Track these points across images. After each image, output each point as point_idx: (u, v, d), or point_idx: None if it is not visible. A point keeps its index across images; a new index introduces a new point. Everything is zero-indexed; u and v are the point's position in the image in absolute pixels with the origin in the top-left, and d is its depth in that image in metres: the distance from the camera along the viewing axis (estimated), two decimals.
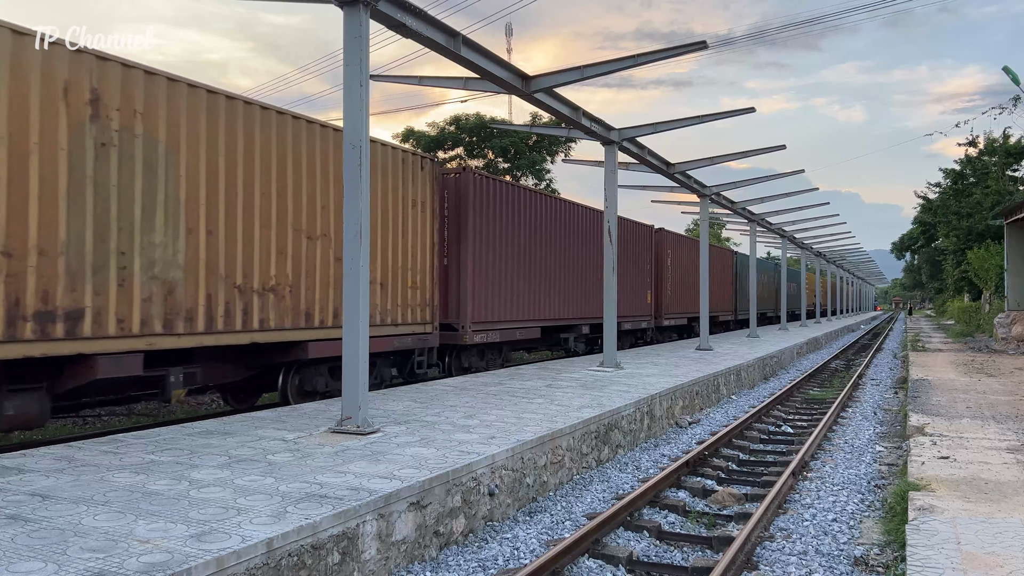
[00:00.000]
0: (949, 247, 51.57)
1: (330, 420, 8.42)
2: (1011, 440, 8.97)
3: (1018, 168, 46.33)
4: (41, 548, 4.24)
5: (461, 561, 5.82)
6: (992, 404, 11.93)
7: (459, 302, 14.42)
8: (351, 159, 7.96)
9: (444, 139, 38.36)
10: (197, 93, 8.98)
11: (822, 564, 5.86)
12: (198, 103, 8.97)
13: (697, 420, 12.41)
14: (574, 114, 13.52)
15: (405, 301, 12.56)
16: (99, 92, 7.87)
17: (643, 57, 11.87)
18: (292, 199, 10.30)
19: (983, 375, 16.41)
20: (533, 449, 7.53)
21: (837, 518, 7.04)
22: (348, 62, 8.01)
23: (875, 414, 13.27)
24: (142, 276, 8.30)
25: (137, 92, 8.26)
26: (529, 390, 11.39)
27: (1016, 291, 28.93)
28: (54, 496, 5.30)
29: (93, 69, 7.82)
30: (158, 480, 5.77)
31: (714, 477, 8.66)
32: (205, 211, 9.07)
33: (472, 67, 10.50)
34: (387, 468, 6.21)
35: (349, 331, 7.91)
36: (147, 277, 8.36)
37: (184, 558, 4.07)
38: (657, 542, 6.49)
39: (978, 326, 35.74)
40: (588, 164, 20.74)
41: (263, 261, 9.85)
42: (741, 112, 15.40)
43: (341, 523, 4.99)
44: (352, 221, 7.93)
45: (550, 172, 40.65)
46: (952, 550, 5.08)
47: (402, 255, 12.50)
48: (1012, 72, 28.33)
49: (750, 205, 27.18)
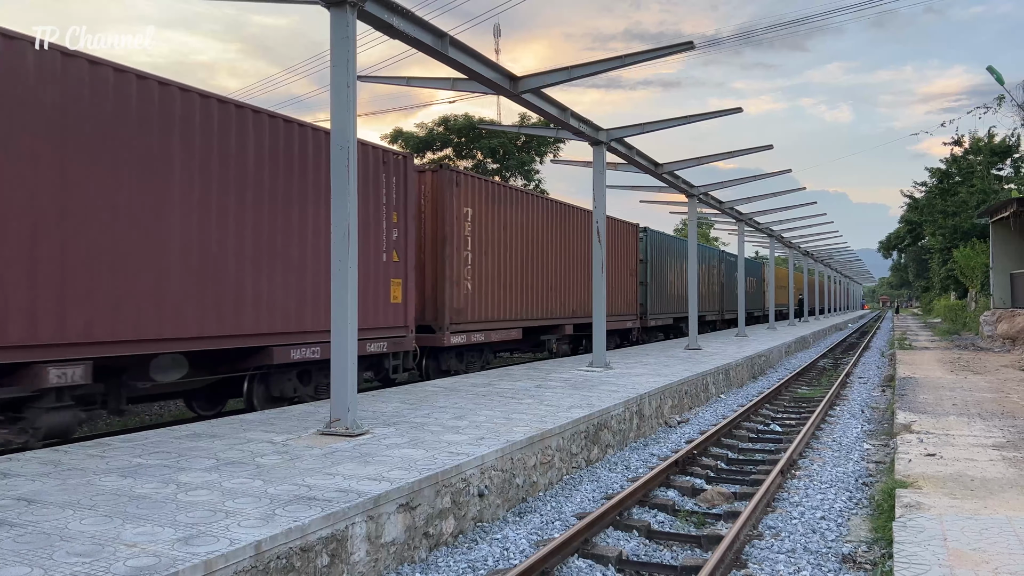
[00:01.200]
0: (935, 246, 51.99)
1: (319, 422, 8.39)
2: (996, 437, 9.04)
3: (1003, 167, 46.76)
4: (27, 553, 4.20)
5: (451, 562, 5.81)
6: (978, 401, 12.03)
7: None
8: (339, 160, 7.94)
9: (433, 140, 38.37)
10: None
11: (810, 562, 5.89)
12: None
13: (686, 419, 12.45)
14: (562, 114, 13.54)
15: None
16: None
17: (630, 58, 11.90)
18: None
19: (969, 373, 16.54)
20: (523, 449, 7.54)
21: (825, 516, 7.08)
22: (335, 63, 7.99)
23: (863, 412, 13.35)
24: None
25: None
26: (519, 391, 11.39)
27: (1001, 289, 29.18)
28: (40, 500, 5.26)
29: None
30: (145, 483, 5.73)
31: (703, 476, 8.69)
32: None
33: (460, 68, 10.50)
34: (376, 470, 6.20)
35: (338, 333, 7.89)
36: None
37: (171, 562, 4.05)
38: (647, 541, 6.51)
39: (964, 324, 36.03)
40: (577, 164, 20.77)
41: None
42: (729, 112, 15.47)
43: (330, 525, 4.98)
44: (340, 223, 7.90)
45: (539, 173, 40.74)
46: (939, 547, 5.12)
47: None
48: (996, 72, 28.62)
49: (738, 205, 27.28)
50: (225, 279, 9.35)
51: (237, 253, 9.52)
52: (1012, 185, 43.21)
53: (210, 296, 9.15)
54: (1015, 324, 24.68)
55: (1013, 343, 23.93)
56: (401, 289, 12.55)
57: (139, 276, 8.35)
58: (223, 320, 9.31)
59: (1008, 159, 46.33)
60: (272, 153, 10.00)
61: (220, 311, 9.28)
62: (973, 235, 41.38)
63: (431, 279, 14.17)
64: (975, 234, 41.11)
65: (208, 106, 9.16)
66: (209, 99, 9.17)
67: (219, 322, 9.26)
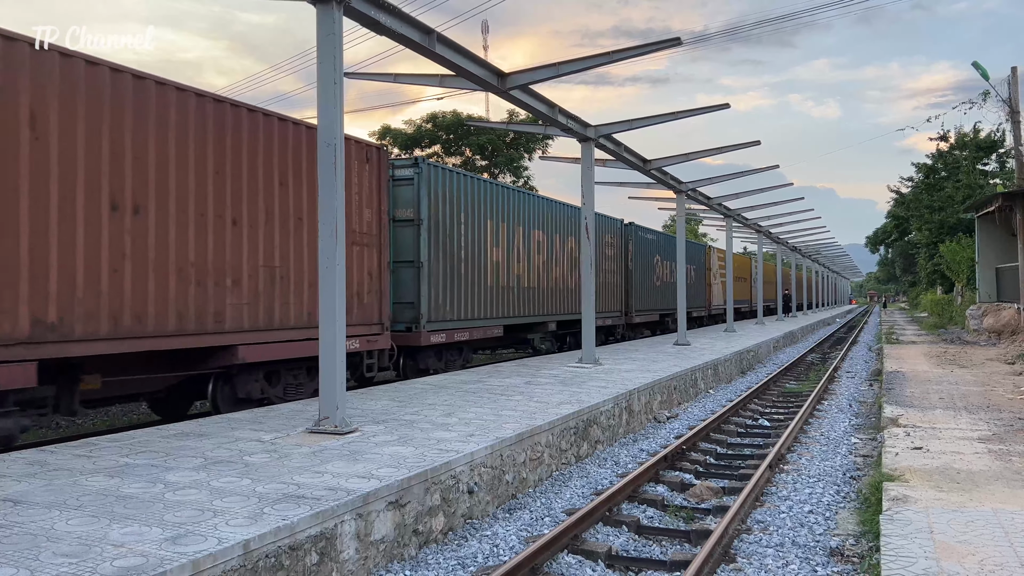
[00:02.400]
0: (922, 241, 52.30)
1: (307, 420, 8.36)
2: (982, 430, 9.11)
3: (988, 162, 47.10)
4: (13, 554, 4.17)
5: (441, 559, 5.81)
6: (964, 395, 12.12)
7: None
8: (326, 157, 7.91)
9: (421, 137, 38.30)
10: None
11: (798, 555, 5.92)
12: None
13: (675, 415, 12.48)
14: (551, 111, 13.53)
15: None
16: None
17: (618, 54, 11.92)
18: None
19: (955, 366, 16.66)
20: (512, 446, 7.54)
21: (813, 510, 7.12)
22: (322, 60, 7.96)
23: (850, 406, 13.43)
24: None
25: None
26: (508, 387, 11.39)
27: (987, 283, 29.41)
28: (26, 501, 5.23)
29: None
30: (133, 483, 5.70)
31: (692, 471, 8.71)
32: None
33: (448, 64, 10.47)
34: (365, 467, 6.19)
35: (326, 331, 7.86)
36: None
37: (159, 561, 4.03)
38: (636, 536, 6.53)
39: (951, 318, 36.28)
40: (565, 161, 20.77)
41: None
42: (716, 108, 15.50)
43: (319, 523, 4.97)
44: (328, 220, 7.88)
45: (528, 169, 40.74)
46: (925, 539, 5.16)
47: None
48: (982, 67, 28.81)
49: (726, 201, 27.39)
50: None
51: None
52: (997, 180, 43.55)
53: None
54: (1001, 318, 24.89)
55: (999, 337, 24.12)
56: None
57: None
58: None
59: (993, 154, 46.66)
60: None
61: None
62: (959, 230, 41.67)
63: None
64: (961, 229, 41.40)
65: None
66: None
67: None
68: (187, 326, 8.89)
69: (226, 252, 9.44)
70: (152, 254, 8.51)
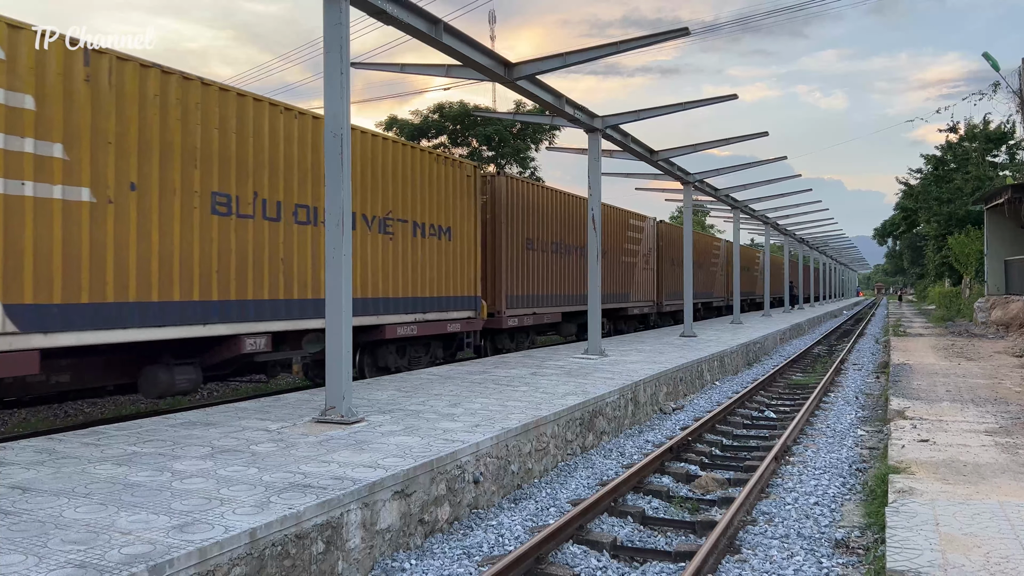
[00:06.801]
0: (930, 233, 52.10)
1: (314, 410, 8.40)
2: (989, 423, 9.09)
3: (997, 154, 46.83)
4: (22, 541, 4.21)
5: (446, 548, 5.84)
6: (971, 388, 12.09)
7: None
8: (332, 148, 7.89)
9: (428, 127, 38.20)
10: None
11: (804, 547, 5.92)
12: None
13: (681, 406, 12.48)
14: (557, 102, 13.49)
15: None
16: None
17: (625, 44, 11.85)
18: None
19: (963, 359, 16.61)
20: (518, 436, 7.56)
21: (819, 502, 7.11)
22: (328, 49, 7.94)
23: (857, 399, 13.40)
24: None
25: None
26: (514, 378, 11.41)
27: (995, 276, 29.28)
28: (35, 489, 5.26)
29: None
30: (140, 471, 5.74)
31: (697, 463, 8.72)
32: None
33: (454, 54, 10.44)
34: (371, 457, 6.21)
35: (332, 321, 7.88)
36: None
37: (166, 549, 4.06)
38: (641, 527, 6.54)
39: (958, 311, 36.14)
40: (572, 152, 20.72)
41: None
42: (724, 99, 15.43)
43: (325, 512, 4.99)
44: (334, 211, 7.87)
45: (534, 160, 40.64)
46: (931, 532, 5.15)
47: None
48: (992, 58, 28.57)
49: (733, 192, 27.27)
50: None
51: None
52: (1007, 172, 43.27)
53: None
54: (1008, 311, 24.77)
55: (1007, 329, 24.02)
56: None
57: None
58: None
59: (1003, 146, 46.40)
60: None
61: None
62: (968, 222, 41.49)
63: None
64: (970, 221, 41.21)
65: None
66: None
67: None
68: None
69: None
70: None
